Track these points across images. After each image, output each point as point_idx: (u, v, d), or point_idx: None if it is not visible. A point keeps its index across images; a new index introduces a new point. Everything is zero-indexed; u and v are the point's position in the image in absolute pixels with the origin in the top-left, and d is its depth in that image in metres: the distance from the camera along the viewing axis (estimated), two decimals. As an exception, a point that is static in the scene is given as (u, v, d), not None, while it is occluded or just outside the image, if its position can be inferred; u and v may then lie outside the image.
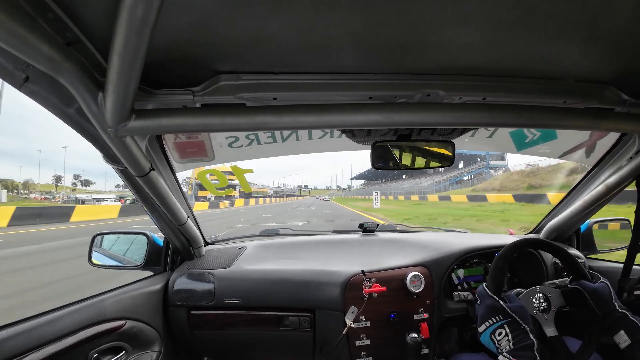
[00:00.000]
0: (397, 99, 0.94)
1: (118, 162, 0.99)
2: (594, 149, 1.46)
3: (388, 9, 0.61)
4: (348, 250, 1.81)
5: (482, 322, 1.04)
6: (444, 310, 1.48)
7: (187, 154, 1.42)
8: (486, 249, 1.60)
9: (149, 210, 1.32)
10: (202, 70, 0.84)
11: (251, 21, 0.64)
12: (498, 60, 0.84)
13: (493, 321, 1.01)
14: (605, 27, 0.69)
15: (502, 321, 0.99)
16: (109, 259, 1.69)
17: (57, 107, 0.80)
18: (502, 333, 0.97)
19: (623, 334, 1.01)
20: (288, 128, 0.91)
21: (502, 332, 0.97)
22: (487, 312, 1.04)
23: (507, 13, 0.64)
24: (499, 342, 0.97)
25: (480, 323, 1.05)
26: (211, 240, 1.93)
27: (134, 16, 0.50)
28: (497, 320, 1.00)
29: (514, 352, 0.93)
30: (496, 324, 1.00)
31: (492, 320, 1.01)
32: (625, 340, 1.00)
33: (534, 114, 0.94)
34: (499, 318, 1.00)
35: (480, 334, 1.05)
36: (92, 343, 1.15)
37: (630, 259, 1.29)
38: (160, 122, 0.81)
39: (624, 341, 1.01)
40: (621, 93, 0.99)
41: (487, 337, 1.02)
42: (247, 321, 1.50)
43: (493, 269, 1.15)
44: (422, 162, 1.25)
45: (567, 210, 1.58)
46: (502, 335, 0.97)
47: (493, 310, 1.03)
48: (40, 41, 0.55)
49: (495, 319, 1.00)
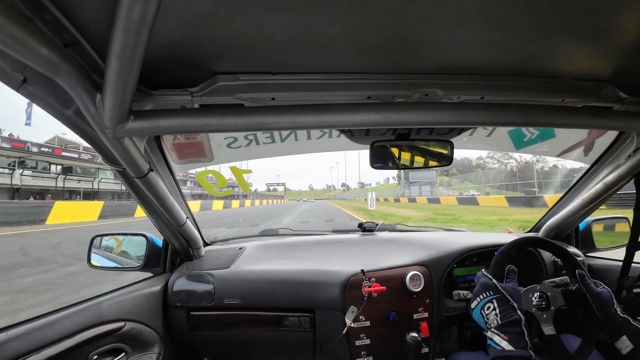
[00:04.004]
0: (396, 98, 0.94)
1: (116, 164, 0.99)
2: (592, 148, 1.46)
3: (386, 8, 0.61)
4: (347, 250, 1.81)
5: (474, 299, 1.07)
6: (444, 309, 1.48)
7: (186, 154, 1.42)
8: (485, 248, 1.60)
9: (147, 211, 1.32)
10: (200, 70, 0.84)
11: (248, 21, 0.64)
12: (496, 59, 0.84)
13: (483, 296, 1.03)
14: (603, 25, 0.69)
15: (492, 296, 1.02)
16: (108, 260, 1.69)
17: (55, 108, 0.80)
18: (491, 307, 1.00)
19: (625, 339, 1.01)
20: (287, 128, 0.91)
21: (491, 307, 1.00)
22: (480, 288, 1.07)
23: (504, 11, 0.64)
24: (487, 316, 0.99)
25: (472, 299, 1.08)
26: (210, 240, 1.92)
27: (131, 17, 0.50)
28: (487, 295, 1.03)
29: (501, 327, 0.94)
30: (486, 299, 1.02)
31: (482, 295, 1.04)
32: (628, 345, 1.00)
33: (532, 113, 0.94)
34: (489, 293, 1.03)
35: (472, 310, 1.07)
36: (91, 345, 1.15)
37: (629, 257, 1.29)
38: (159, 123, 0.81)
39: (626, 347, 1.01)
40: (619, 91, 0.99)
41: (477, 313, 1.04)
42: (247, 322, 1.50)
43: (494, 262, 1.16)
44: (420, 162, 1.26)
45: (566, 208, 1.58)
46: (490, 309, 0.99)
47: (485, 287, 1.06)
48: (37, 43, 0.55)
49: (486, 294, 1.03)
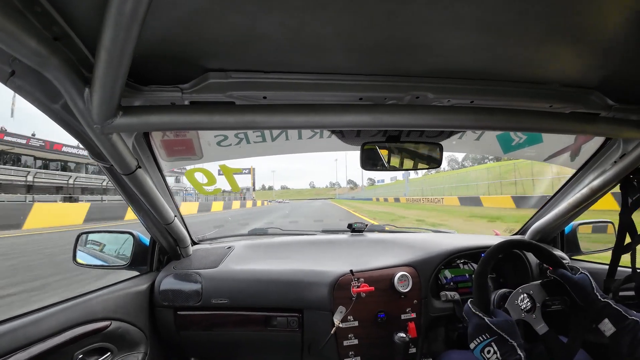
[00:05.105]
0: (387, 100, 0.95)
1: (104, 160, 0.98)
2: (578, 153, 1.49)
3: (379, 10, 0.62)
4: (336, 251, 1.81)
5: (471, 340, 1.06)
6: (431, 309, 1.50)
7: (175, 152, 1.40)
8: (472, 250, 1.62)
9: (135, 209, 1.30)
10: (191, 67, 0.83)
11: (241, 19, 0.64)
12: (486, 64, 0.85)
13: (481, 339, 1.02)
14: (593, 33, 0.70)
15: (490, 339, 1.00)
16: (94, 258, 1.66)
17: (42, 102, 0.79)
18: (491, 351, 0.99)
19: (607, 322, 1.03)
20: (277, 127, 0.90)
21: (491, 350, 0.99)
22: (475, 330, 1.05)
23: (496, 18, 0.65)
24: (489, 359, 0.99)
25: (470, 341, 1.07)
26: (198, 239, 1.91)
27: (122, 11, 0.49)
28: (485, 339, 1.01)
29: None
30: (484, 342, 1.01)
31: (480, 338, 1.03)
32: (610, 328, 1.02)
33: (520, 118, 0.95)
34: (486, 336, 1.01)
35: (472, 350, 1.06)
36: (77, 344, 1.13)
37: (615, 260, 1.32)
38: (148, 119, 0.80)
39: (609, 329, 1.03)
40: (606, 98, 1.01)
41: (478, 353, 1.04)
42: (234, 322, 1.49)
43: (475, 288, 1.16)
44: (410, 164, 1.27)
45: (552, 212, 1.61)
46: (490, 353, 0.99)
47: (480, 329, 1.04)
48: (27, 35, 0.54)
49: (483, 337, 1.02)
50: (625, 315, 1.03)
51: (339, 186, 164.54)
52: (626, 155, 1.18)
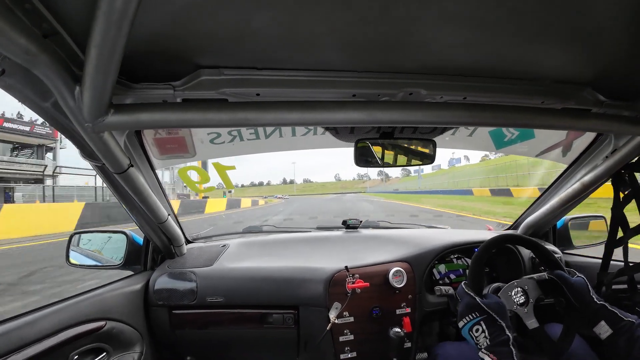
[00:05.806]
0: (380, 97, 0.95)
1: (95, 159, 0.96)
2: (570, 148, 1.50)
3: (371, 7, 0.61)
4: (331, 247, 1.82)
5: (460, 319, 1.07)
6: (426, 304, 1.51)
7: (168, 150, 1.39)
8: (465, 245, 1.64)
9: (128, 208, 1.29)
10: (183, 64, 0.82)
11: (234, 15, 0.63)
12: (479, 61, 0.86)
13: (470, 318, 1.04)
14: (585, 29, 0.71)
15: (479, 318, 1.02)
16: (88, 258, 1.65)
17: (32, 100, 0.77)
18: (479, 330, 1.00)
19: (604, 324, 1.04)
20: (271, 125, 0.90)
21: (479, 329, 1.00)
22: (465, 309, 1.07)
23: (489, 14, 0.65)
24: (477, 338, 1.00)
25: (459, 319, 1.08)
26: (192, 238, 1.90)
27: (113, 8, 0.48)
28: (474, 317, 1.03)
29: (490, 347, 0.95)
30: (473, 321, 1.03)
31: (469, 317, 1.04)
32: (607, 330, 1.04)
33: (512, 114, 0.96)
34: (475, 315, 1.03)
35: (460, 329, 1.08)
36: (72, 344, 1.12)
37: (608, 254, 1.34)
38: (140, 117, 0.79)
39: (605, 331, 1.04)
40: (598, 94, 1.02)
41: (466, 332, 1.05)
42: (230, 320, 1.49)
43: (470, 272, 1.18)
44: (404, 160, 1.27)
45: (544, 207, 1.63)
46: (479, 331, 1.00)
47: (470, 307, 1.06)
48: (16, 32, 0.52)
49: (472, 316, 1.03)
50: (621, 317, 1.04)
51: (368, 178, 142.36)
52: (617, 151, 1.20)
